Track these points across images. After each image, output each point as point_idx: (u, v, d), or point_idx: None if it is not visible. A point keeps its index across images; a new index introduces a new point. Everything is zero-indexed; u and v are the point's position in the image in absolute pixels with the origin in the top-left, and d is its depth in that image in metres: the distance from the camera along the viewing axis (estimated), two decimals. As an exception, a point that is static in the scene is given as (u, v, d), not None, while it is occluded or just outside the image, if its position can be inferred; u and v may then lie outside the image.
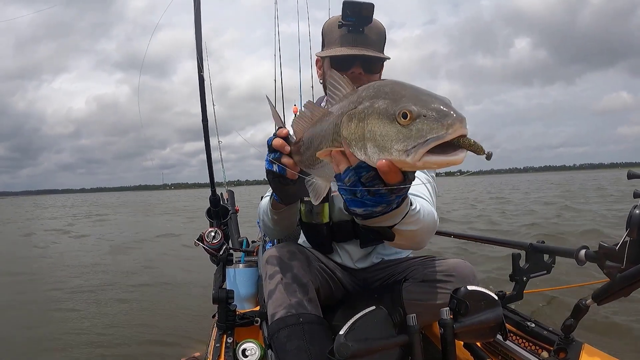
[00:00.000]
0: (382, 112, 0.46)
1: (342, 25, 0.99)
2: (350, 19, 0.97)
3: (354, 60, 0.99)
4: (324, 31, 1.07)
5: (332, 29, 1.02)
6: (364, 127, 0.48)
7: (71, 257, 5.79)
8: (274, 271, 0.99)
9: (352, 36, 0.99)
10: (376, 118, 0.46)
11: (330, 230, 1.12)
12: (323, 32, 1.07)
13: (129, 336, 2.61)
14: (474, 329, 0.84)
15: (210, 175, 1.50)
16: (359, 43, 0.99)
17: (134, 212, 15.49)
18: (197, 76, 1.32)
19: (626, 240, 0.83)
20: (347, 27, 0.99)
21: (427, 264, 1.03)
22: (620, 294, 0.85)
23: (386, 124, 0.45)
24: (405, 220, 0.70)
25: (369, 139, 0.47)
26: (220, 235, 1.42)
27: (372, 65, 1.02)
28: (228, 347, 1.18)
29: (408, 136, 0.44)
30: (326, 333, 0.93)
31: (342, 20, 0.98)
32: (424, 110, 0.43)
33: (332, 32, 1.03)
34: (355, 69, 1.00)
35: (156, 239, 7.34)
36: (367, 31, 0.99)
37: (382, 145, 0.46)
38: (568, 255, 1.05)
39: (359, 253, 1.15)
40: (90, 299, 3.48)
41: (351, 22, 0.98)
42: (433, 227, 0.86)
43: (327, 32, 1.05)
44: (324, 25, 1.07)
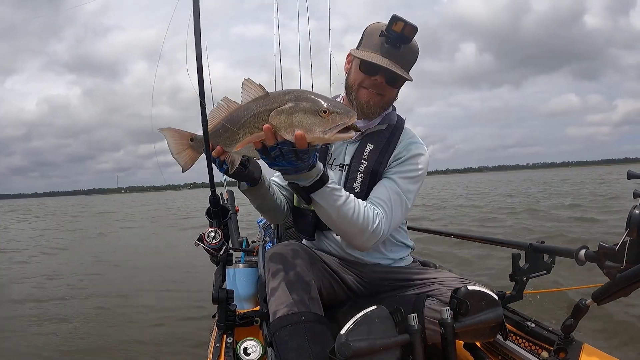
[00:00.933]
0: (308, 109, 0.73)
1: (384, 35, 1.04)
2: (393, 34, 1.03)
3: (380, 69, 1.05)
4: (365, 32, 1.11)
5: (373, 34, 1.07)
6: (293, 118, 0.73)
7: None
8: (276, 269, 1.00)
9: (389, 49, 1.04)
10: (303, 113, 0.73)
11: (316, 217, 1.12)
12: (364, 33, 1.12)
13: (128, 337, 2.60)
14: (474, 328, 0.84)
15: (210, 175, 1.49)
16: (392, 57, 1.04)
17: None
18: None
19: (626, 240, 0.83)
20: (387, 39, 1.04)
21: (450, 285, 1.02)
22: (620, 294, 0.85)
23: (311, 116, 0.72)
24: (319, 192, 0.92)
25: (297, 126, 0.73)
26: (220, 235, 1.41)
27: (395, 80, 1.08)
28: (228, 347, 1.18)
29: (326, 123, 0.72)
30: (328, 332, 0.93)
31: (385, 31, 1.04)
32: (335, 109, 0.73)
33: (372, 36, 1.07)
34: (379, 77, 1.06)
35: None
36: (403, 49, 1.05)
37: (309, 129, 0.73)
38: (568, 255, 1.05)
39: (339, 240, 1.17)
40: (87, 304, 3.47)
41: (393, 37, 1.04)
42: (361, 228, 0.98)
43: (367, 35, 1.10)
44: (367, 28, 1.11)
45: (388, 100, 1.12)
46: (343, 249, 1.17)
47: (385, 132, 1.14)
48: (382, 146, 1.12)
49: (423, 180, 1.13)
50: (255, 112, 0.77)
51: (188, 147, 0.94)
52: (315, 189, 0.91)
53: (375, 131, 1.14)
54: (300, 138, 0.73)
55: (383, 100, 1.10)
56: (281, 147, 0.77)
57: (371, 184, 1.10)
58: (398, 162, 1.11)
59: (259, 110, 0.77)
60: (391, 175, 1.09)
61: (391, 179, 1.08)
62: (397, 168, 1.10)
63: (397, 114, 1.20)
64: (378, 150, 1.12)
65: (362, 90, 1.09)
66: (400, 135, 1.15)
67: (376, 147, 1.12)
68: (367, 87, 1.08)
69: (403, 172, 1.09)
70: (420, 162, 1.11)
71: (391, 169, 1.11)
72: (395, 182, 1.07)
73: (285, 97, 0.75)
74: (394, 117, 1.18)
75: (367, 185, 1.11)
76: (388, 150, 1.12)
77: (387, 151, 1.12)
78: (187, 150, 0.94)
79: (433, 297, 1.01)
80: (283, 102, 0.75)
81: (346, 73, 1.16)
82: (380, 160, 1.11)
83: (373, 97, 1.08)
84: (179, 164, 0.96)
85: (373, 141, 1.13)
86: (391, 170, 1.10)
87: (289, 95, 0.75)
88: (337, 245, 1.18)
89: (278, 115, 0.74)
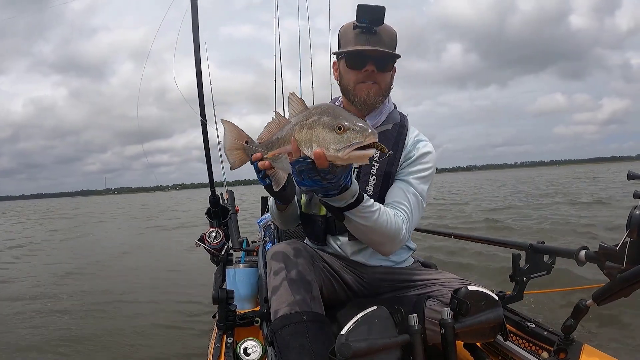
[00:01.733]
0: (326, 124, 0.69)
1: (356, 27, 1.06)
2: (363, 21, 1.05)
3: (367, 58, 1.06)
4: (340, 34, 1.13)
5: (347, 31, 1.09)
6: (312, 133, 0.70)
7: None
8: (278, 267, 1.00)
9: (366, 36, 1.06)
10: (321, 128, 0.69)
11: (326, 222, 1.15)
12: (339, 35, 1.13)
13: (128, 337, 2.60)
14: (474, 329, 0.84)
15: (210, 175, 1.50)
16: (372, 42, 1.05)
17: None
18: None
19: (626, 241, 0.83)
20: (361, 29, 1.06)
21: (451, 286, 1.02)
22: (621, 295, 0.85)
23: (327, 132, 0.69)
24: (353, 211, 0.91)
25: (314, 141, 0.70)
26: (221, 235, 1.42)
27: (384, 63, 1.08)
28: (228, 347, 1.18)
29: (341, 140, 0.67)
30: (329, 332, 0.93)
31: (356, 22, 1.06)
32: (352, 126, 0.67)
33: (347, 34, 1.09)
34: (369, 66, 1.06)
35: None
36: (379, 32, 1.06)
37: (325, 146, 0.69)
38: (568, 256, 1.05)
39: (352, 246, 1.16)
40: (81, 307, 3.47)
41: (365, 24, 1.05)
42: (392, 236, 0.99)
43: (342, 34, 1.11)
44: (340, 29, 1.13)
45: (385, 88, 1.12)
46: (347, 253, 1.16)
47: (392, 132, 1.14)
48: (391, 146, 1.12)
49: (433, 177, 1.14)
50: (290, 127, 0.77)
51: (241, 148, 0.93)
52: (350, 208, 0.90)
53: (382, 132, 1.12)
54: (319, 156, 0.69)
55: (381, 89, 1.10)
56: (302, 163, 0.74)
57: (384, 186, 1.10)
58: (409, 162, 1.11)
59: (294, 124, 0.76)
60: (405, 177, 1.09)
61: (406, 180, 1.08)
62: (408, 169, 1.10)
63: (399, 111, 1.20)
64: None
65: (358, 85, 1.09)
66: (407, 134, 1.15)
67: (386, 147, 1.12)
68: (362, 80, 1.08)
69: (415, 173, 1.09)
70: (430, 161, 1.12)
71: (403, 169, 1.11)
72: (411, 184, 1.07)
73: (312, 111, 0.74)
74: (397, 116, 1.17)
75: (381, 187, 1.10)
76: (398, 150, 1.12)
77: (397, 151, 1.12)
78: (239, 151, 0.94)
79: (434, 298, 1.01)
80: (309, 117, 0.73)
81: (337, 80, 1.17)
82: (392, 161, 1.11)
83: (370, 88, 1.08)
84: (228, 160, 0.97)
85: (381, 142, 1.13)
86: (403, 172, 1.10)
87: (316, 110, 0.74)
88: (342, 248, 1.17)
89: (301, 129, 0.73)
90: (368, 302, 0.94)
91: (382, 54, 1.06)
